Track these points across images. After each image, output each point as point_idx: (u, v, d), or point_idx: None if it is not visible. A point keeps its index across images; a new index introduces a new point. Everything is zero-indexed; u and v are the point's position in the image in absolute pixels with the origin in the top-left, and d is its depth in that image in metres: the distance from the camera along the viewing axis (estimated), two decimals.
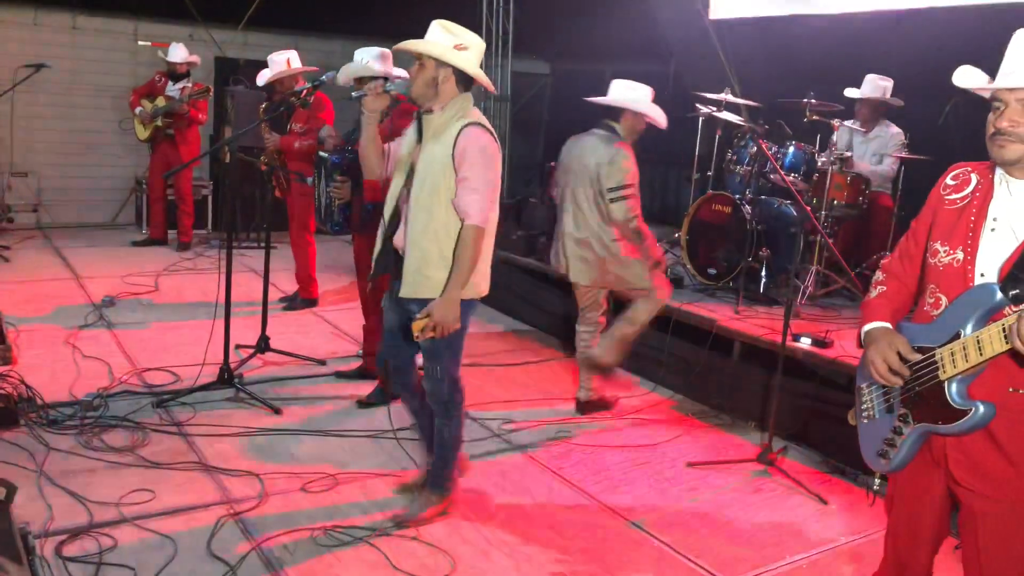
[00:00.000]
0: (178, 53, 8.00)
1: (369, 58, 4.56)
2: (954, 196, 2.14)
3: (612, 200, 4.44)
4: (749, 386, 4.88)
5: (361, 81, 4.33)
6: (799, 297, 5.44)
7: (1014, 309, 1.93)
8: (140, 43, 9.30)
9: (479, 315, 6.81)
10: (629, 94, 4.62)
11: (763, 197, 5.98)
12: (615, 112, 4.60)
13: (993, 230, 2.03)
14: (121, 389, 4.57)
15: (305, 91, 4.69)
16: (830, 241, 5.21)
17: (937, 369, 2.04)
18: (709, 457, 4.31)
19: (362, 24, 9.23)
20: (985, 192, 2.08)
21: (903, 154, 5.80)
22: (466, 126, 3.09)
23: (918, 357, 2.09)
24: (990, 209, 2.05)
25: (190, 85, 7.98)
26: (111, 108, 9.13)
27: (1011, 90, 1.98)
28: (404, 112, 4.57)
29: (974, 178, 2.13)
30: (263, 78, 5.92)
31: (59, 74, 8.55)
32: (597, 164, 4.49)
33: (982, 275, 2.02)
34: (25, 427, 3.98)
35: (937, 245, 2.12)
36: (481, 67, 3.23)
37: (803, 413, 4.53)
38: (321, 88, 5.37)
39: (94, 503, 3.37)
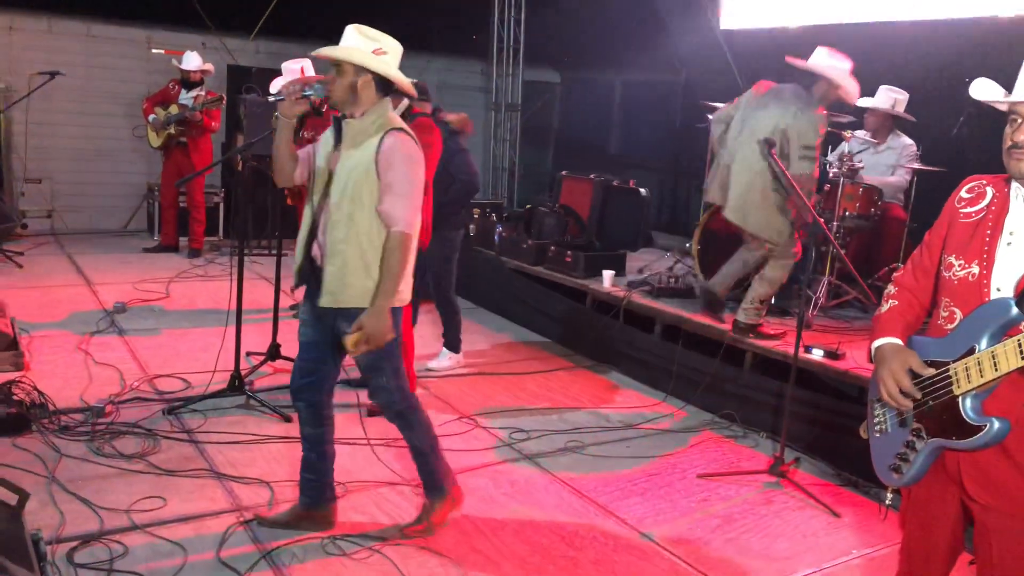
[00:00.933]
0: (192, 61, 8.05)
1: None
2: (969, 209, 2.12)
3: (802, 157, 4.65)
4: (761, 397, 4.86)
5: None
6: (811, 308, 5.42)
7: None
8: (154, 51, 9.37)
9: (488, 324, 6.84)
10: (829, 62, 4.75)
11: None
12: (811, 77, 4.75)
13: (1009, 244, 2.01)
14: (132, 396, 4.59)
15: (319, 100, 4.70)
16: (842, 252, 5.19)
17: (951, 384, 2.01)
18: (720, 468, 4.29)
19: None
20: (1001, 205, 2.06)
21: (915, 165, 5.77)
22: (389, 132, 3.04)
23: (931, 372, 2.06)
24: (1006, 223, 2.03)
25: (203, 93, 8.02)
26: (124, 115, 9.19)
27: None
28: (420, 126, 4.58)
29: (989, 191, 2.11)
30: (276, 86, 5.95)
31: (73, 81, 8.62)
32: (788, 121, 4.69)
33: (998, 290, 2.00)
34: (37, 433, 3.99)
35: (952, 259, 2.10)
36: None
37: (815, 425, 4.51)
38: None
39: (105, 510, 3.37)
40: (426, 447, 3.38)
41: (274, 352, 5.20)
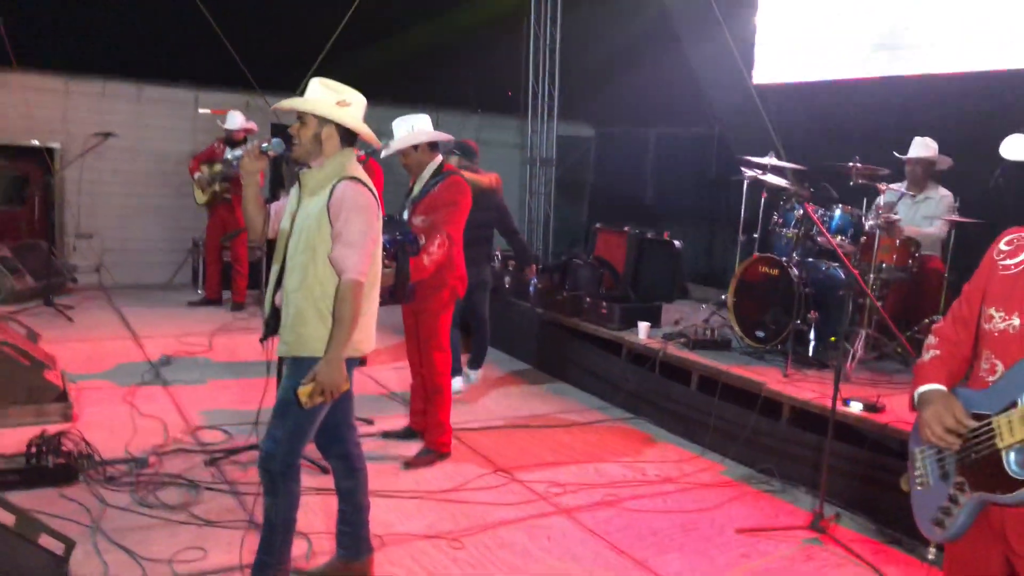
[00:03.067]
0: (235, 121, 8.33)
1: (409, 127, 4.71)
2: (1008, 261, 2.12)
3: None
4: (799, 451, 4.81)
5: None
6: (849, 361, 5.37)
7: None
8: (200, 110, 9.71)
9: (523, 376, 6.86)
10: None
11: (810, 260, 5.96)
12: None
13: None
14: (175, 447, 4.68)
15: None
16: (878, 304, 5.16)
17: (994, 437, 2.00)
18: (759, 523, 4.24)
19: (408, 91, 9.53)
20: None
21: (954, 217, 5.75)
22: (341, 181, 3.04)
23: (974, 424, 2.05)
24: None
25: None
26: (172, 173, 9.51)
27: None
28: (452, 184, 4.69)
29: None
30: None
31: (124, 141, 8.95)
32: None
33: None
34: (84, 483, 4.09)
35: (992, 311, 2.10)
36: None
37: (856, 479, 4.44)
38: (373, 155, 5.55)
39: (148, 560, 3.43)
40: (278, 523, 3.15)
41: None
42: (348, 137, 3.16)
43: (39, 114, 8.92)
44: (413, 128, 4.72)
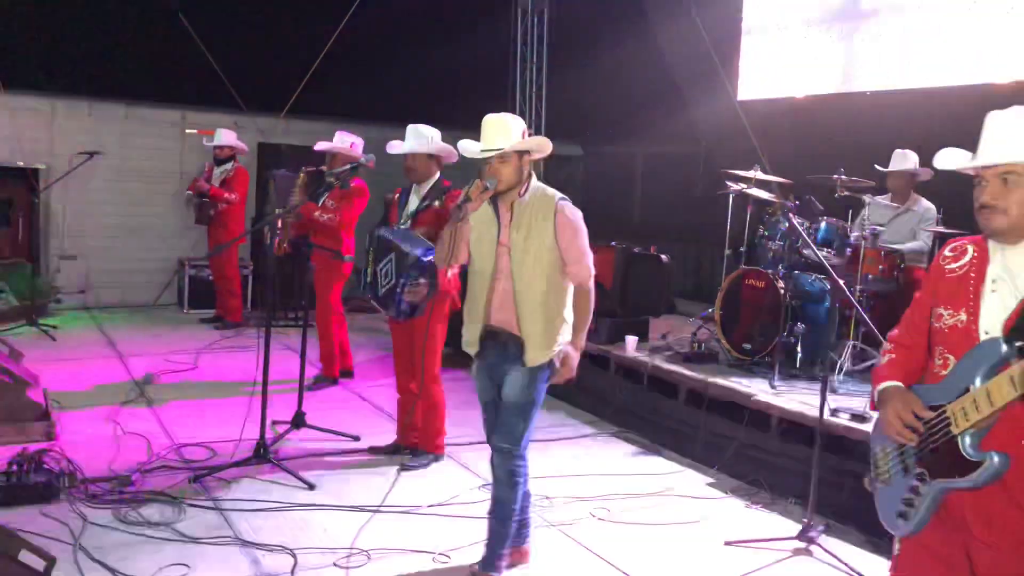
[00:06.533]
0: (219, 138, 8.30)
1: (428, 138, 4.80)
2: (953, 265, 2.27)
3: None
4: (788, 463, 4.80)
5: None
6: (836, 371, 5.38)
7: (1021, 360, 1.98)
8: (188, 131, 9.69)
9: None
10: None
11: (796, 272, 5.98)
12: None
13: (993, 291, 2.14)
14: (159, 464, 4.63)
15: (343, 172, 4.86)
16: (865, 315, 5.17)
17: (949, 424, 2.10)
18: (748, 535, 4.21)
19: (398, 111, 9.54)
20: (982, 259, 2.21)
21: (937, 228, 5.79)
22: (558, 202, 3.37)
23: (931, 415, 2.15)
24: (988, 272, 2.17)
25: (230, 167, 8.25)
26: (158, 193, 9.47)
27: (988, 167, 2.16)
28: (455, 197, 4.72)
29: (970, 248, 2.26)
30: (322, 146, 6.13)
31: (110, 161, 8.93)
32: None
33: (986, 333, 2.11)
34: (65, 501, 4.03)
35: (941, 310, 2.23)
36: None
37: (845, 491, 4.42)
38: (358, 171, 5.58)
39: None
40: (511, 515, 3.46)
41: (299, 420, 5.24)
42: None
43: (26, 135, 8.88)
44: (432, 139, 4.80)
